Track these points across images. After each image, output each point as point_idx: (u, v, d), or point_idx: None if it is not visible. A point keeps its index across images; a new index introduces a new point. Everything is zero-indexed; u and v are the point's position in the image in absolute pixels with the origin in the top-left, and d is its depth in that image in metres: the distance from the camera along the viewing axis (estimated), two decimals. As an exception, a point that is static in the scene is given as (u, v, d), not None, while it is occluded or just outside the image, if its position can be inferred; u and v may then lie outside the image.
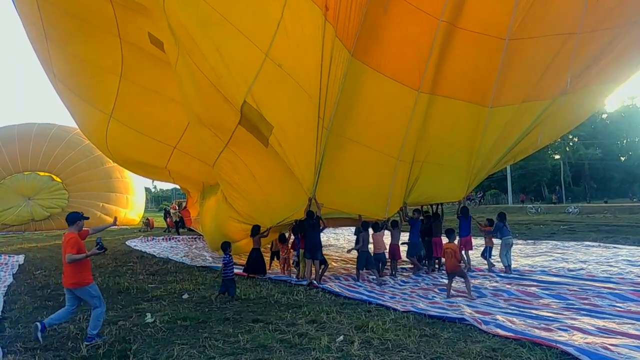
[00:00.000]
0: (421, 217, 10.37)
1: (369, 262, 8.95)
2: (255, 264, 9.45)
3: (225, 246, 7.74)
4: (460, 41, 8.26)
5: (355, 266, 9.40)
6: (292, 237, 10.05)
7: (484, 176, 10.89)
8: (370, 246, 9.29)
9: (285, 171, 8.48)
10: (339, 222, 12.59)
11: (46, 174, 30.20)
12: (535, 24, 8.09)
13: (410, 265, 10.17)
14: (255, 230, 9.50)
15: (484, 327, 5.21)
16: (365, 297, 7.03)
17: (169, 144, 11.89)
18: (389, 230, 9.87)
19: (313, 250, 8.57)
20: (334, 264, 10.99)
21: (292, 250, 10.00)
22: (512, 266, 9.48)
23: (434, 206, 10.94)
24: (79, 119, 13.82)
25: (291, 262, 9.88)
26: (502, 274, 8.99)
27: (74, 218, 5.51)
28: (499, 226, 9.73)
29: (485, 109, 9.05)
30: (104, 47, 10.53)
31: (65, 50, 11.24)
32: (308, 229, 8.69)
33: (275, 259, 10.66)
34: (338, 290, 7.60)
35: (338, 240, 17.50)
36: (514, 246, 13.74)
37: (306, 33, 7.50)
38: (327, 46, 7.58)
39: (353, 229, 12.53)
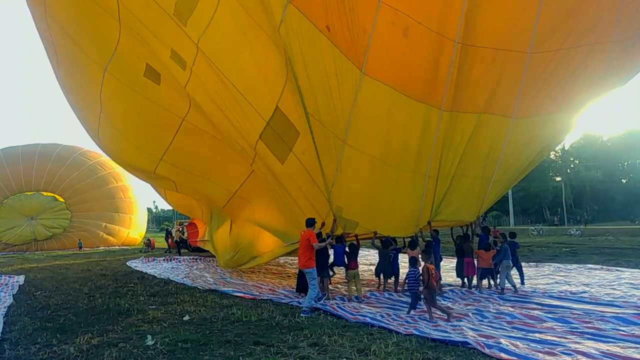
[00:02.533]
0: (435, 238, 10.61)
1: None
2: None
3: (414, 261, 7.63)
4: (481, 58, 8.47)
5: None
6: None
7: (505, 188, 11.22)
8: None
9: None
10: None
11: (50, 194, 30.33)
12: (558, 36, 8.33)
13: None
14: None
15: (487, 350, 5.16)
16: (368, 320, 6.98)
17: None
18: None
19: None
20: (339, 286, 10.93)
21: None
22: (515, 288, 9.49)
23: (464, 227, 11.10)
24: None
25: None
26: (506, 296, 8.93)
27: (313, 222, 8.17)
28: (505, 248, 9.71)
29: (509, 120, 9.26)
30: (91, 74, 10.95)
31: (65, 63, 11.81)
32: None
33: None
34: (340, 313, 7.55)
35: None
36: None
37: (304, 50, 7.81)
38: (330, 64, 7.88)
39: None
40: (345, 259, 9.57)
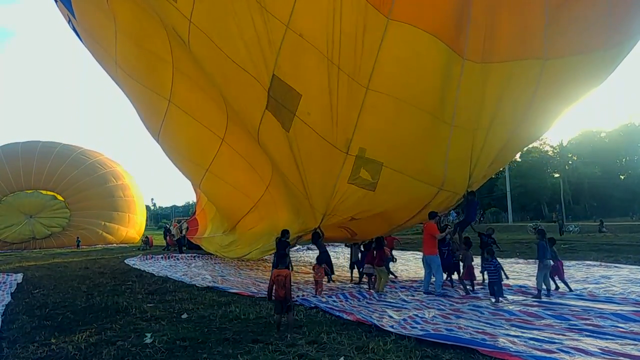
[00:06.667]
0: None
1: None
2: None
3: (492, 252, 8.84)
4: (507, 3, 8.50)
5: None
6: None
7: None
8: None
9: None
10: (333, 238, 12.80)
11: (49, 192, 30.23)
12: None
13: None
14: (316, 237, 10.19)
15: (485, 348, 5.15)
16: (368, 318, 6.94)
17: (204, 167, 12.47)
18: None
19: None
20: (333, 284, 10.93)
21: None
22: (514, 284, 9.44)
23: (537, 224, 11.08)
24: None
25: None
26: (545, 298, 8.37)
27: (435, 215, 9.32)
28: (542, 245, 8.84)
29: (539, 62, 9.03)
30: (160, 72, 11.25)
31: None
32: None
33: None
34: (337, 312, 7.52)
35: (338, 259, 17.39)
36: (515, 265, 13.74)
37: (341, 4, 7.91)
38: (351, 14, 8.01)
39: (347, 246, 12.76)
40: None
